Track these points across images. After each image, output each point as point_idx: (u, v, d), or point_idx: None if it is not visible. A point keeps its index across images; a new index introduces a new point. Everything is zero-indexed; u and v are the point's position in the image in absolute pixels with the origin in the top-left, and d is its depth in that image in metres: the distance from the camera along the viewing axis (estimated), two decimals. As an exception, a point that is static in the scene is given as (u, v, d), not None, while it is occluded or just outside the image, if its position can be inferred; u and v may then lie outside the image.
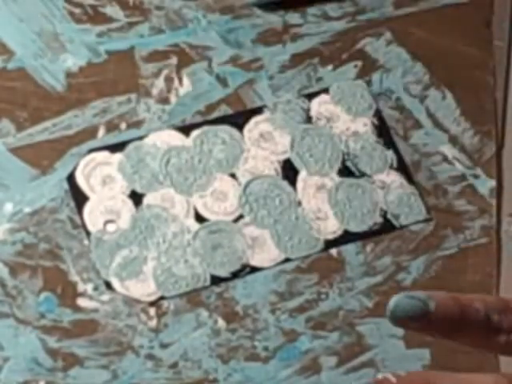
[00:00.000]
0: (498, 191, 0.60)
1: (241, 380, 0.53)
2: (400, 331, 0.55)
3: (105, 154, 0.57)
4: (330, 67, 0.61)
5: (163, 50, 0.61)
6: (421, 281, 0.56)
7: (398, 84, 0.61)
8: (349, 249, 0.57)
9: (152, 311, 0.54)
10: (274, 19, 0.62)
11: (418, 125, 0.60)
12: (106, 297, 0.54)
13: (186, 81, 0.59)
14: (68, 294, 0.54)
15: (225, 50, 0.61)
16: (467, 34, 0.62)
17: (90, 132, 0.57)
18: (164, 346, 0.53)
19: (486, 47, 0.63)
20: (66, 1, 0.60)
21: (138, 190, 0.56)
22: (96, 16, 0.61)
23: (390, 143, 0.59)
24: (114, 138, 0.57)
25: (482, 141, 0.61)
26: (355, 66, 0.61)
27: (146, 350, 0.53)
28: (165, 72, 0.60)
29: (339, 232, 0.57)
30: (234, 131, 0.58)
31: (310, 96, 0.60)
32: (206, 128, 0.58)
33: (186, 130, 0.58)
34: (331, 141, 0.59)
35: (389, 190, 0.58)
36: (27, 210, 0.55)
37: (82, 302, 0.54)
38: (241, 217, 0.56)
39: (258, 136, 0.58)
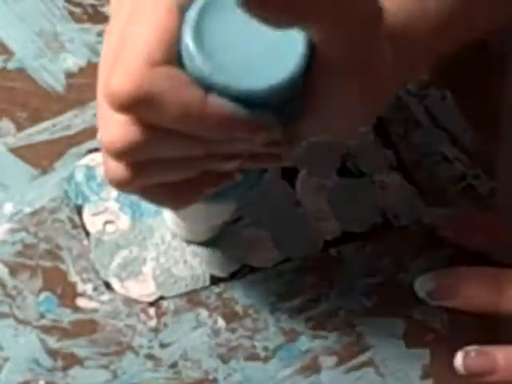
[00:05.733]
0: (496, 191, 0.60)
1: (241, 380, 0.53)
2: (400, 331, 0.55)
3: (105, 154, 0.57)
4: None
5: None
6: (421, 281, 0.56)
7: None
8: (349, 249, 0.56)
9: (151, 311, 0.54)
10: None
11: (417, 124, 0.60)
12: (105, 297, 0.54)
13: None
14: (68, 294, 0.54)
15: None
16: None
17: (90, 132, 0.57)
18: (164, 345, 0.53)
19: (485, 47, 0.63)
20: (65, 0, 0.60)
21: (138, 190, 0.56)
22: (96, 16, 0.60)
23: (389, 143, 0.59)
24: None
25: (483, 140, 0.61)
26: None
27: (145, 350, 0.53)
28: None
29: (339, 232, 0.57)
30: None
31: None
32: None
33: (185, 129, 0.58)
34: (331, 141, 0.59)
35: (389, 189, 0.58)
36: (27, 210, 0.55)
37: (81, 302, 0.54)
38: (240, 217, 0.56)
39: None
